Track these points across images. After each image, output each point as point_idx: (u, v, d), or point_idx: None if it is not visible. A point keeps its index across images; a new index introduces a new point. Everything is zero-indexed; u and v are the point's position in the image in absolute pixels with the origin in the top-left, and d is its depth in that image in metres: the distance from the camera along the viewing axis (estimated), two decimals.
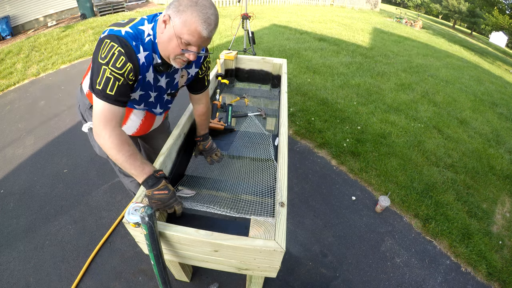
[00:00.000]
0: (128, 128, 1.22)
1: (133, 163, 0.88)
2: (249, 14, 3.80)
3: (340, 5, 13.81)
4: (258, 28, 6.88)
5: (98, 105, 0.85)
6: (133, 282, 1.50)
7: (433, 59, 6.52)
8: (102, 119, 0.85)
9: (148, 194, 0.92)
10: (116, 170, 1.45)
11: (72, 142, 2.57)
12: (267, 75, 2.20)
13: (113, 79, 0.83)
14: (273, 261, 0.88)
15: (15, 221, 1.81)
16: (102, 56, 0.82)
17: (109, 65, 0.82)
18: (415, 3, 34.10)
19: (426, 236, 1.92)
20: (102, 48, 0.82)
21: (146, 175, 0.89)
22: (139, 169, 0.89)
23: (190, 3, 0.81)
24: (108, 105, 0.85)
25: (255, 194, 1.24)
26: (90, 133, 1.18)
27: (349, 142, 2.71)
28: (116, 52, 0.82)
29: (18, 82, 3.71)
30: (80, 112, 1.18)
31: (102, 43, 0.83)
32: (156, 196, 0.91)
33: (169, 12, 0.84)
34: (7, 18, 5.86)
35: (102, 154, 1.28)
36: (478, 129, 3.48)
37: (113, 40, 0.82)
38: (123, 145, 0.86)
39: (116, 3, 7.48)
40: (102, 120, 0.85)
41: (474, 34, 20.35)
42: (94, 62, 0.84)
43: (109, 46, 0.82)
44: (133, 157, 0.88)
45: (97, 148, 1.25)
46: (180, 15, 0.82)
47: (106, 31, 0.87)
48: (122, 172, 1.44)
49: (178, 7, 0.82)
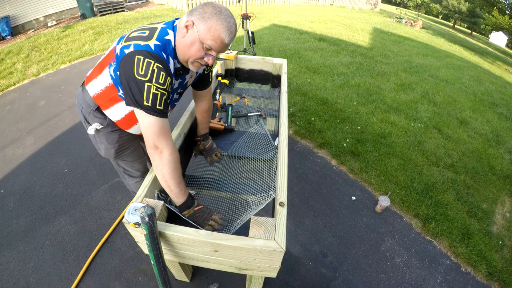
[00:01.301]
0: (138, 128, 1.22)
1: (180, 184, 0.96)
2: (249, 14, 3.80)
3: (340, 5, 13.81)
4: (258, 28, 6.88)
5: (151, 121, 0.88)
6: (133, 282, 1.50)
7: (433, 59, 6.52)
8: (160, 134, 0.90)
9: (187, 214, 0.99)
10: (119, 171, 1.43)
11: (72, 142, 2.57)
12: (267, 75, 2.20)
13: (160, 94, 0.86)
14: (273, 261, 0.88)
15: (15, 221, 1.81)
16: (141, 73, 0.83)
17: (152, 82, 0.84)
18: (415, 3, 34.11)
19: (426, 236, 1.92)
20: (136, 64, 0.84)
21: (186, 197, 0.97)
22: (183, 191, 0.97)
23: (215, 11, 0.87)
24: (161, 119, 0.89)
25: (255, 194, 1.24)
26: (96, 135, 1.17)
27: (349, 142, 2.71)
28: (155, 69, 0.84)
29: (18, 82, 3.71)
30: (83, 115, 1.16)
31: (133, 59, 0.84)
32: (198, 213, 0.99)
33: (192, 18, 0.88)
34: (7, 18, 5.86)
35: (108, 156, 1.27)
36: (478, 129, 3.48)
37: (147, 57, 0.84)
38: (177, 167, 0.94)
39: (116, 3, 7.48)
40: (160, 134, 0.90)
41: (474, 34, 20.35)
42: (130, 79, 0.85)
43: (145, 63, 0.84)
44: (181, 178, 0.97)
45: (103, 150, 1.24)
46: (205, 22, 0.87)
47: (129, 45, 0.87)
48: (127, 173, 1.42)
49: (203, 14, 0.87)
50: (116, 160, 1.34)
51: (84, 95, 1.12)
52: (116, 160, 1.32)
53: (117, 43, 0.96)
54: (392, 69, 5.02)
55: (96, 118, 1.13)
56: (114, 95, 1.04)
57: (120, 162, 1.35)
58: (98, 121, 1.13)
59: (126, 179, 1.48)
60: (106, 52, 1.05)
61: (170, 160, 0.91)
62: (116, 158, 1.29)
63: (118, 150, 1.24)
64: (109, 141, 1.20)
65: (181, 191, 0.96)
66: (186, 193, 0.98)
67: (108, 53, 1.03)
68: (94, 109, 1.12)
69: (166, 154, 0.91)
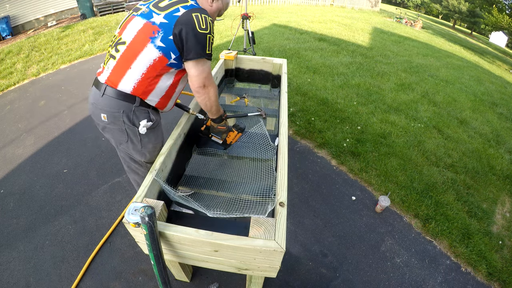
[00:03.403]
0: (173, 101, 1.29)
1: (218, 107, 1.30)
2: (249, 14, 3.80)
3: (340, 5, 13.80)
4: (258, 28, 6.88)
5: (207, 65, 1.12)
6: (133, 282, 1.50)
7: (433, 59, 6.52)
8: (209, 75, 1.14)
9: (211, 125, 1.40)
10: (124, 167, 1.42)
11: (72, 142, 2.57)
12: (267, 75, 2.20)
13: (212, 41, 1.10)
14: (273, 261, 0.88)
15: (15, 221, 1.81)
16: (202, 27, 1.03)
17: (211, 33, 1.07)
18: (415, 3, 34.11)
19: (426, 236, 1.92)
20: (196, 20, 1.02)
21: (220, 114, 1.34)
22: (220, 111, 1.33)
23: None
24: (210, 62, 1.13)
25: (255, 194, 1.24)
26: (149, 133, 1.20)
27: (349, 142, 2.71)
28: (210, 22, 1.06)
29: (18, 82, 3.71)
30: (126, 117, 1.12)
31: (191, 17, 1.01)
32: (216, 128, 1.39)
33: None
34: (7, 18, 5.87)
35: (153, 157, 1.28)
36: (478, 129, 3.48)
37: (202, 12, 1.04)
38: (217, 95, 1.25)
39: (116, 3, 7.48)
40: (209, 75, 1.14)
41: (474, 34, 20.35)
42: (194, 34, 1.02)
43: (203, 17, 1.03)
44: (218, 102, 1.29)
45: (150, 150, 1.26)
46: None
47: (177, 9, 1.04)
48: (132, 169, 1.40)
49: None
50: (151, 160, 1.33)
51: (119, 98, 1.09)
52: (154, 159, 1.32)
53: (146, 18, 1.05)
54: (392, 69, 5.02)
55: (142, 113, 1.15)
56: (162, 67, 1.09)
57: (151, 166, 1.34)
58: (145, 116, 1.16)
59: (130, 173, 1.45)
60: (126, 43, 1.06)
61: (214, 93, 1.20)
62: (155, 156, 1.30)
63: (162, 143, 1.30)
64: (155, 136, 1.25)
65: (218, 111, 1.31)
66: (220, 112, 1.34)
67: (132, 39, 1.05)
68: (137, 105, 1.12)
69: (212, 90, 1.18)
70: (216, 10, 1.21)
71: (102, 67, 1.15)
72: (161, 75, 1.12)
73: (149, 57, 1.05)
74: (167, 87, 1.17)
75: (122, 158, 1.38)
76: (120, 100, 1.10)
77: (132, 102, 1.11)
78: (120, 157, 1.40)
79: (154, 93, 1.14)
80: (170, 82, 1.17)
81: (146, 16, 1.06)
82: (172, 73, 1.15)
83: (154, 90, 1.14)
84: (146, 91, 1.12)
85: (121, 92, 1.09)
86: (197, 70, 1.09)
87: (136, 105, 1.12)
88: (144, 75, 1.07)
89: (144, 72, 1.07)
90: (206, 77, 1.12)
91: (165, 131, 1.36)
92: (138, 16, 1.08)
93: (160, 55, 1.05)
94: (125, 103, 1.10)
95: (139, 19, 1.07)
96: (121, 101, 1.10)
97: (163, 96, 1.19)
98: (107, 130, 1.20)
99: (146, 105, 1.16)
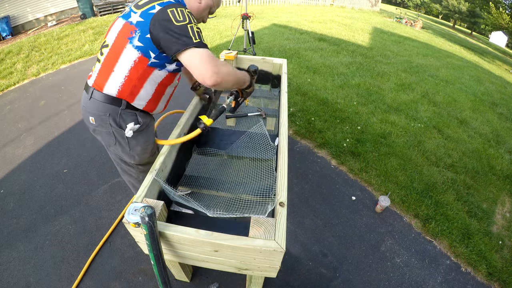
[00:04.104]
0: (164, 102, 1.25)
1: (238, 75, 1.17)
2: (249, 14, 3.80)
3: (340, 5, 13.80)
4: (258, 28, 6.88)
5: (203, 52, 0.98)
6: (133, 282, 1.50)
7: (433, 59, 6.52)
8: (213, 59, 1.01)
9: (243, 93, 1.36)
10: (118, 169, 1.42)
11: (72, 142, 2.57)
12: (267, 75, 2.20)
13: (199, 31, 1.01)
14: (273, 261, 0.88)
15: (15, 221, 1.81)
16: (179, 19, 0.96)
17: (192, 23, 0.98)
18: (415, 3, 34.11)
19: (426, 236, 1.92)
20: (172, 15, 0.96)
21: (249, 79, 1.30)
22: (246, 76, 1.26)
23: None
24: (207, 50, 1.01)
25: (255, 194, 1.24)
26: (133, 138, 1.17)
27: (349, 142, 2.71)
28: (186, 14, 0.99)
29: (18, 82, 3.71)
30: (113, 120, 1.11)
31: (166, 13, 0.96)
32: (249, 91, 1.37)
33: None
34: (7, 18, 5.86)
35: (143, 159, 1.27)
36: (478, 129, 3.48)
37: (178, 7, 0.99)
38: (233, 73, 1.11)
39: (116, 3, 7.48)
40: (213, 59, 1.00)
41: (474, 34, 20.36)
42: (172, 28, 0.95)
43: (179, 11, 0.98)
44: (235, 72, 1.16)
45: (139, 152, 1.24)
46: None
47: (153, 7, 0.99)
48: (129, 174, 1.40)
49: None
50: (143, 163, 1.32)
51: (105, 101, 1.09)
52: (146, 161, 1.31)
53: (125, 18, 1.03)
54: (392, 69, 5.02)
55: (129, 115, 1.13)
56: (144, 69, 1.05)
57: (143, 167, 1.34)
58: (133, 119, 1.14)
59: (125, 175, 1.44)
60: (109, 45, 1.05)
61: (229, 72, 1.05)
62: (150, 157, 1.29)
63: (153, 147, 1.27)
64: (144, 139, 1.22)
65: (245, 78, 1.25)
66: (247, 76, 1.27)
67: (113, 41, 1.04)
68: (124, 108, 1.10)
69: (225, 70, 1.02)
70: (205, 7, 1.16)
71: (92, 70, 1.15)
72: (145, 78, 1.08)
73: (130, 59, 1.02)
74: (153, 90, 1.14)
75: (113, 160, 1.37)
76: (106, 104, 1.09)
77: (118, 105, 1.09)
78: (112, 159, 1.39)
79: (139, 96, 1.11)
80: (155, 86, 1.13)
81: (125, 16, 1.04)
82: (158, 76, 1.10)
83: (140, 94, 1.10)
84: (132, 94, 1.09)
85: (107, 95, 1.08)
86: (196, 59, 0.96)
87: (123, 108, 1.10)
88: (127, 78, 1.05)
89: (127, 75, 1.05)
90: (213, 63, 0.97)
91: (165, 131, 1.36)
92: (120, 18, 1.07)
93: (139, 55, 1.02)
94: (112, 106, 1.09)
95: (120, 20, 1.05)
96: (107, 104, 1.09)
97: (150, 100, 1.15)
98: (96, 132, 1.20)
99: (133, 108, 1.13)
